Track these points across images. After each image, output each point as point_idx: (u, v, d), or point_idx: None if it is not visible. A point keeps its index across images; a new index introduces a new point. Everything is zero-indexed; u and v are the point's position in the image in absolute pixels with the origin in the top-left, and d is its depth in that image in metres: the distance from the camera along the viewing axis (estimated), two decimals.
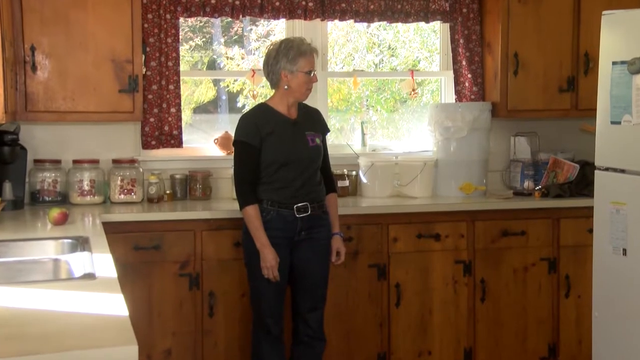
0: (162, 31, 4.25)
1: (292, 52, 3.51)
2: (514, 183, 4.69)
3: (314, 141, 3.59)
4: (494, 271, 4.22)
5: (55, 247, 3.05)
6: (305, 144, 3.57)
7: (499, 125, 4.71)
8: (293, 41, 3.57)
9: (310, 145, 3.58)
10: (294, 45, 3.53)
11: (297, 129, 3.57)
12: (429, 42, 5.08)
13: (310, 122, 3.64)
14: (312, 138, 3.60)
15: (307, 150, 3.56)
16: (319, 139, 3.63)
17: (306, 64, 3.53)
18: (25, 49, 3.89)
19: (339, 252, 3.66)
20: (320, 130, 3.67)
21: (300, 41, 3.58)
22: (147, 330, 3.78)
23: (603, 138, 3.67)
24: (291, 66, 3.51)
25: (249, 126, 3.53)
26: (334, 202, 3.71)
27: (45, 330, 1.84)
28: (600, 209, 3.68)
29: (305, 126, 3.61)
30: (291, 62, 3.51)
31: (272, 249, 3.45)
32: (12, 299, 2.12)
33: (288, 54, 3.51)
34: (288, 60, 3.51)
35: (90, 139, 4.32)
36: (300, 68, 3.52)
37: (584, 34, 4.48)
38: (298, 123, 3.59)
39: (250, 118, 3.58)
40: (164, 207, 4.11)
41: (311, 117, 3.68)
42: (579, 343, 4.29)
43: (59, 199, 4.17)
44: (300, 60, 3.51)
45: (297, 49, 3.52)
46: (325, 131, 3.72)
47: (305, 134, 3.59)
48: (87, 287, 2.26)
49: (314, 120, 3.68)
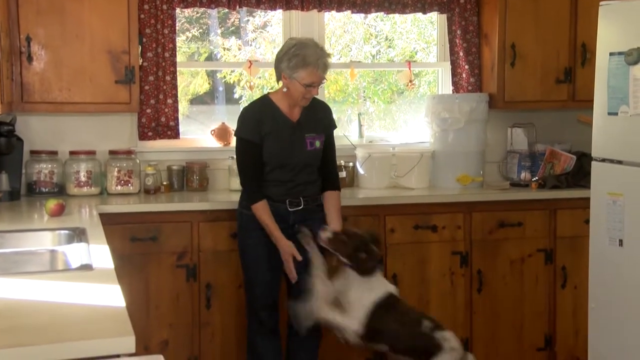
0: (158, 22, 4.23)
1: (295, 59, 3.37)
2: (511, 174, 4.69)
3: (312, 145, 3.53)
4: (490, 262, 4.22)
5: (52, 238, 3.05)
6: (302, 148, 3.51)
7: (496, 116, 4.70)
8: (305, 49, 3.39)
9: (308, 149, 3.53)
10: (301, 53, 3.37)
11: (297, 131, 3.51)
12: (426, 33, 5.07)
13: (313, 123, 3.54)
14: (312, 141, 3.54)
15: (304, 154, 3.52)
16: (320, 141, 3.55)
17: (305, 76, 3.38)
18: (21, 40, 3.87)
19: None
20: (323, 131, 3.58)
21: (314, 52, 3.39)
22: (144, 321, 3.78)
23: (600, 129, 3.67)
24: (290, 72, 3.40)
25: (250, 123, 3.48)
26: (337, 200, 3.63)
27: (42, 321, 1.84)
28: (597, 200, 3.68)
29: (307, 128, 3.53)
30: (291, 69, 3.39)
31: (286, 240, 3.45)
32: (9, 290, 2.12)
33: (291, 60, 3.38)
34: (289, 66, 3.39)
35: (86, 130, 4.31)
36: (300, 79, 3.39)
37: (581, 25, 4.47)
38: (299, 125, 3.52)
39: (252, 114, 3.52)
40: (161, 198, 4.11)
41: (316, 115, 3.58)
42: (576, 334, 4.31)
43: (56, 190, 4.16)
44: (300, 72, 3.38)
45: (303, 59, 3.36)
46: (330, 128, 3.64)
47: (305, 136, 3.52)
48: (84, 278, 2.26)
49: (318, 120, 3.58)
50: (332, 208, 3.60)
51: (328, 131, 3.63)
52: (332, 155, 3.65)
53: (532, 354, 4.32)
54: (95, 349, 1.67)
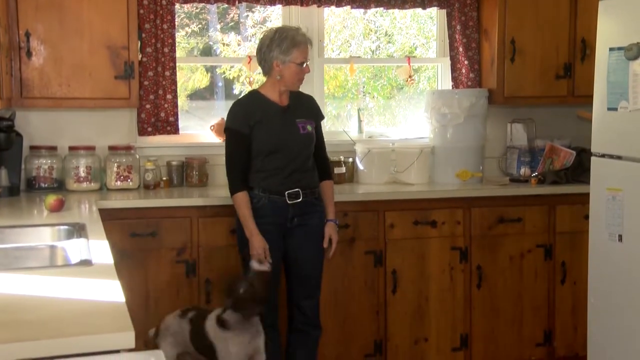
0: (157, 17, 4.22)
1: (285, 42, 3.46)
2: (511, 170, 4.69)
3: (305, 128, 3.56)
4: (490, 258, 4.22)
5: (52, 233, 3.05)
6: (295, 132, 3.53)
7: (495, 112, 4.70)
8: (288, 31, 3.51)
9: (301, 133, 3.55)
10: (288, 35, 3.48)
11: (287, 116, 3.54)
12: (425, 28, 5.06)
13: (302, 109, 3.59)
14: (303, 125, 3.56)
15: (298, 137, 3.53)
16: (311, 126, 3.59)
17: (299, 55, 3.49)
18: (20, 35, 3.87)
19: (331, 240, 3.63)
20: (313, 117, 3.63)
21: (295, 31, 3.52)
22: (144, 316, 3.77)
23: (600, 124, 3.66)
24: (284, 57, 3.48)
25: (238, 114, 3.52)
26: (330, 189, 3.68)
27: (41, 316, 1.84)
28: (597, 196, 3.68)
29: (297, 113, 3.57)
30: (284, 53, 3.47)
31: (260, 236, 3.44)
32: (9, 285, 2.12)
33: (282, 45, 3.47)
34: (281, 51, 3.47)
35: (86, 126, 4.30)
36: (293, 59, 3.48)
37: (581, 21, 4.46)
38: (289, 110, 3.56)
39: (240, 106, 3.57)
40: (161, 194, 4.10)
41: (304, 103, 3.65)
42: (575, 329, 4.31)
43: (55, 186, 4.15)
44: (294, 52, 3.48)
45: (292, 39, 3.47)
46: (318, 118, 3.68)
47: (296, 121, 3.55)
48: (83, 273, 2.26)
49: (307, 107, 3.64)
50: (328, 200, 3.67)
51: (317, 120, 3.66)
52: (323, 144, 3.69)
53: (532, 349, 4.32)
54: (94, 344, 1.67)
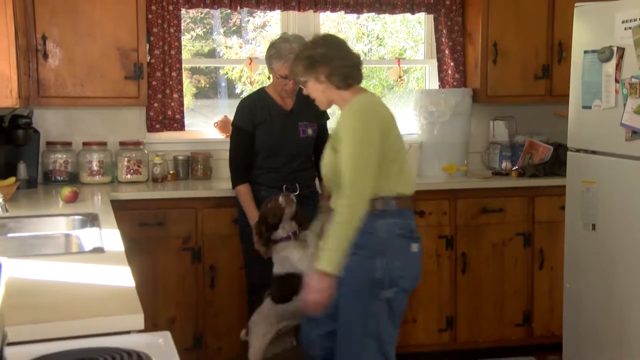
0: (165, 22, 4.22)
1: (274, 50, 3.42)
2: (493, 164, 4.70)
3: (305, 132, 3.53)
4: (474, 245, 4.24)
5: (67, 223, 3.06)
6: (295, 135, 3.51)
7: (479, 109, 4.70)
8: (284, 43, 3.40)
9: (301, 137, 3.53)
10: (280, 46, 3.40)
11: (290, 119, 3.52)
12: (414, 32, 5.07)
13: (306, 112, 3.51)
14: (305, 129, 3.54)
15: (297, 141, 3.52)
16: (312, 129, 3.55)
17: (280, 68, 3.40)
18: (37, 39, 3.87)
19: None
20: (317, 120, 3.58)
21: (289, 47, 3.34)
22: (153, 300, 3.78)
23: (575, 121, 3.68)
24: (269, 63, 3.47)
25: (244, 112, 3.51)
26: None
27: (57, 300, 1.85)
28: (572, 188, 3.70)
29: (300, 116, 3.53)
30: (269, 60, 3.46)
31: None
32: (26, 271, 2.13)
33: (271, 51, 3.44)
34: (268, 57, 3.45)
35: (98, 123, 4.31)
36: (276, 70, 3.43)
37: (558, 25, 4.46)
38: (292, 113, 3.53)
39: (247, 104, 3.55)
40: (168, 186, 4.11)
41: (309, 105, 3.49)
42: (551, 311, 4.32)
43: (70, 179, 4.16)
44: (275, 63, 3.41)
45: (277, 51, 3.39)
46: (323, 119, 3.63)
47: (299, 124, 3.52)
48: (96, 260, 2.27)
49: (311, 109, 3.48)
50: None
51: (321, 121, 3.63)
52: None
53: (512, 329, 4.34)
54: (106, 326, 1.68)
